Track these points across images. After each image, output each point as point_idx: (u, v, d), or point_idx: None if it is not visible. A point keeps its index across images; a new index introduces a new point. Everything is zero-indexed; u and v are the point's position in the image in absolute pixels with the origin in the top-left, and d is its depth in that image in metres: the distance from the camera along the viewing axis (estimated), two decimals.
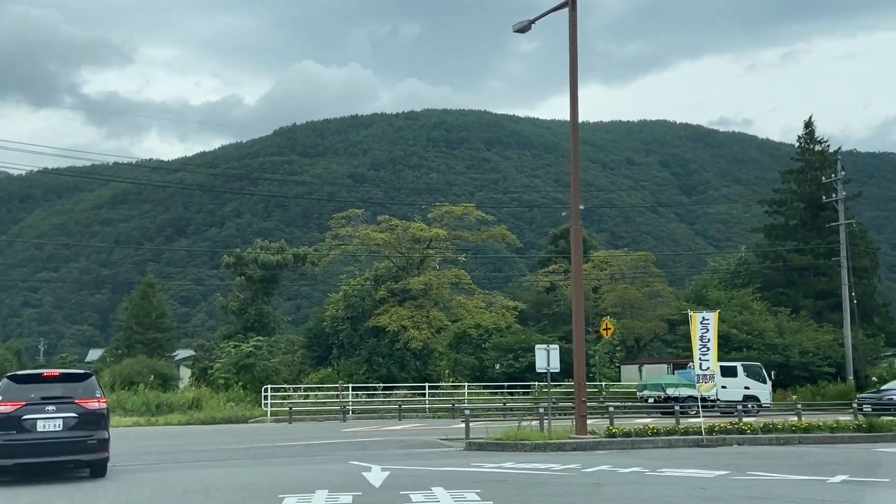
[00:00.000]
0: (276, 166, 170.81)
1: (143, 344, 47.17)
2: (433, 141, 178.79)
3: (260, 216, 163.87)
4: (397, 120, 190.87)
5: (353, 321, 39.86)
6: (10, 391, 13.99)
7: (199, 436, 24.40)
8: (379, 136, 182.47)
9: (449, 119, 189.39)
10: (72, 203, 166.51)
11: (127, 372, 37.25)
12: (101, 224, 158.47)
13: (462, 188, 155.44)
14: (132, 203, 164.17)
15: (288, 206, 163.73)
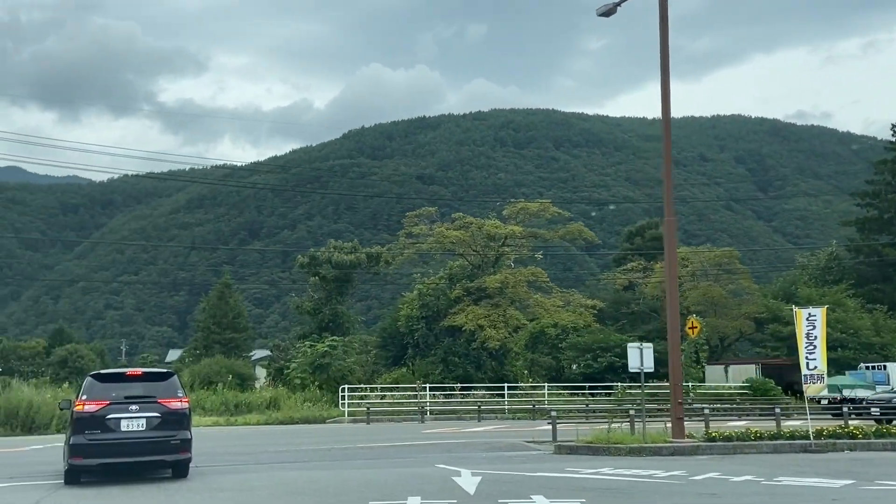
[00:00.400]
0: (345, 169, 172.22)
1: (220, 344, 47.44)
2: (501, 141, 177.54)
3: (330, 218, 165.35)
4: (464, 120, 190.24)
5: (427, 321, 39.15)
6: (94, 390, 13.68)
7: (278, 436, 23.97)
8: (446, 136, 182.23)
9: (516, 118, 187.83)
10: (150, 208, 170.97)
11: (206, 372, 37.34)
12: (178, 228, 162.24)
13: (531, 188, 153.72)
14: (207, 207, 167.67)
15: (357, 208, 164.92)
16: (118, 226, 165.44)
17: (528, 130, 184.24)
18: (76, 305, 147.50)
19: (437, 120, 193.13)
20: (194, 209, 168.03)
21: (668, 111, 19.54)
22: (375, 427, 28.10)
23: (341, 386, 32.52)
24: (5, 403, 27.00)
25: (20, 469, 16.68)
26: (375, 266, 47.61)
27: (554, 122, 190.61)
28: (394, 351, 41.80)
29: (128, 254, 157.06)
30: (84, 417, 13.28)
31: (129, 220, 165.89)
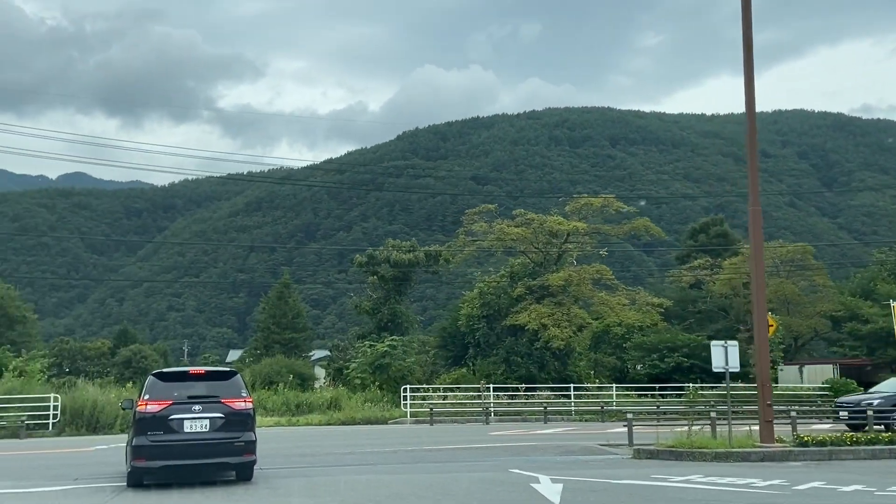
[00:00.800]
0: (399, 170, 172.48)
1: (280, 344, 47.28)
2: (556, 140, 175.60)
3: (385, 220, 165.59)
4: (518, 120, 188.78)
5: (488, 320, 38.22)
6: (157, 389, 13.11)
7: (341, 437, 23.31)
8: (500, 136, 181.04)
9: (571, 117, 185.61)
10: (210, 211, 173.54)
11: (266, 371, 37.07)
12: (236, 230, 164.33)
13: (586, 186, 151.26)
14: (265, 210, 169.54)
15: (412, 209, 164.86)
16: (179, 229, 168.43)
17: (583, 129, 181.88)
18: (140, 307, 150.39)
19: (491, 120, 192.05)
20: (252, 212, 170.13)
21: (752, 96, 18.28)
22: (439, 428, 27.28)
23: (402, 386, 31.81)
24: (71, 403, 26.95)
25: (85, 470, 16.30)
26: (434, 265, 46.92)
27: (609, 120, 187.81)
28: (454, 351, 40.98)
29: (189, 256, 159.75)
30: (146, 418, 12.74)
31: (190, 224, 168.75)
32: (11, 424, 25.84)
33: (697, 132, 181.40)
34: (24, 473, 15.86)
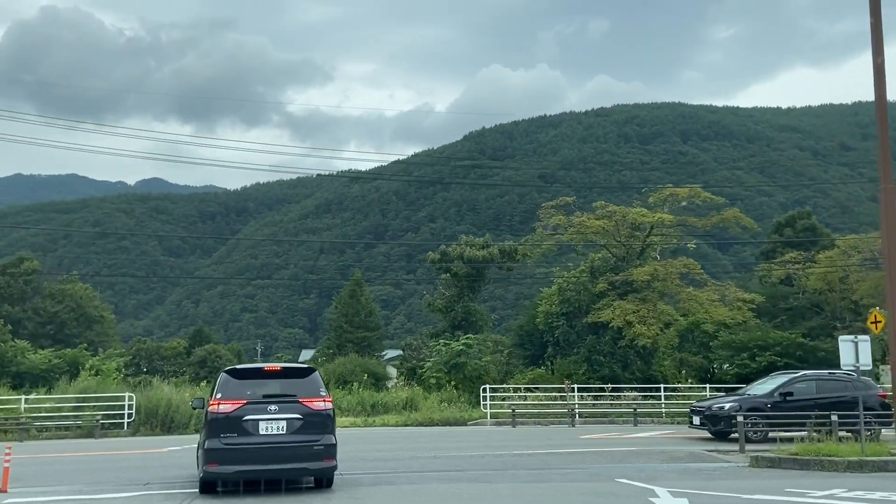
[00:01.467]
0: (466, 171, 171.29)
1: (352, 343, 46.35)
2: (625, 137, 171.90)
3: (453, 220, 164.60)
4: (586, 118, 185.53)
5: (568, 317, 36.37)
6: (230, 388, 11.98)
7: (421, 439, 21.92)
8: (568, 134, 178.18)
9: (641, 113, 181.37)
10: (281, 214, 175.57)
11: (340, 371, 36.02)
12: (307, 233, 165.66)
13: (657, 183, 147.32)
14: (334, 212, 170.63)
15: (480, 209, 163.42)
16: (251, 231, 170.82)
17: (653, 125, 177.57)
18: (214, 308, 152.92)
19: (558, 118, 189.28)
20: (322, 214, 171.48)
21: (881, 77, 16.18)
22: (523, 431, 25.67)
23: (481, 386, 30.27)
24: (146, 402, 26.31)
25: (156, 473, 15.31)
26: (508, 262, 45.31)
27: (680, 116, 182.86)
28: (532, 350, 39.25)
29: (261, 258, 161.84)
30: (219, 419, 11.65)
31: (262, 226, 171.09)
32: (87, 424, 25.32)
33: (773, 126, 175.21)
34: (95, 477, 14.94)
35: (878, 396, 21.14)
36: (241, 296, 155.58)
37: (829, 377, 21.68)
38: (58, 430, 25.43)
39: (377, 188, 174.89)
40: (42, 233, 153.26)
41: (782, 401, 20.78)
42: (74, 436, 25.24)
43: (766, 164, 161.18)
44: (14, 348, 33.06)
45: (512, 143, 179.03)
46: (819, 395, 20.87)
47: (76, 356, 33.16)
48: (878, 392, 21.49)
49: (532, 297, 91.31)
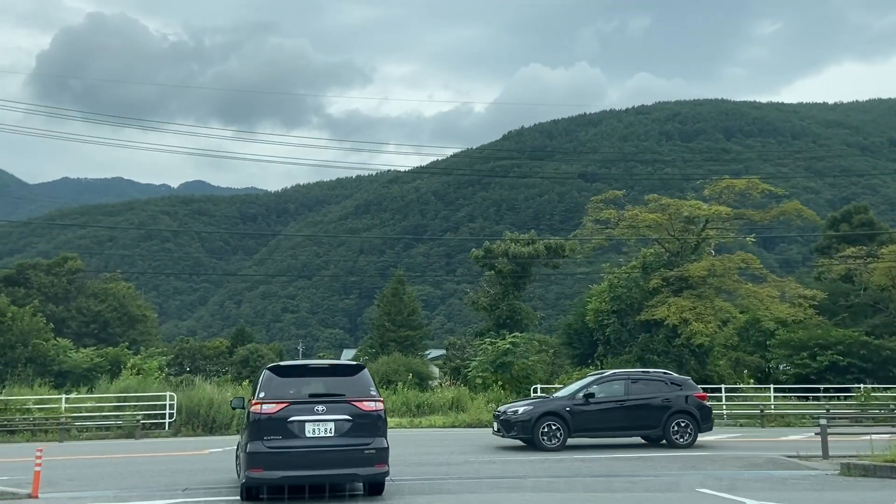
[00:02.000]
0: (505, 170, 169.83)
1: (395, 342, 45.29)
2: (667, 134, 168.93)
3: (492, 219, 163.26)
4: (627, 115, 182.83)
5: (619, 314, 34.88)
6: (273, 386, 11.00)
7: (473, 442, 20.65)
8: (608, 133, 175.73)
9: (683, 110, 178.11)
10: (321, 215, 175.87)
11: (384, 370, 34.96)
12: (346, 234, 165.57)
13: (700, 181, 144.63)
14: (374, 213, 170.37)
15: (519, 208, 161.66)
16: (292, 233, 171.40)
17: (695, 122, 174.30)
18: (256, 309, 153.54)
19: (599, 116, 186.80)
20: (361, 215, 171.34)
21: None
22: None
23: (531, 386, 28.87)
24: (187, 402, 25.48)
25: (196, 478, 14.32)
26: (554, 258, 43.89)
27: (723, 113, 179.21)
28: (581, 349, 37.84)
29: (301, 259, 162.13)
30: (262, 420, 10.66)
31: (302, 227, 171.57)
32: (128, 424, 24.55)
33: (819, 122, 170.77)
34: (132, 481, 13.99)
35: (696, 397, 18.92)
36: (283, 296, 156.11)
37: (641, 377, 19.34)
38: (98, 431, 24.72)
39: (416, 188, 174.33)
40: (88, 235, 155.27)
41: (584, 403, 18.46)
42: (115, 436, 24.50)
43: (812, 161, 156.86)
44: (56, 347, 32.56)
45: (552, 142, 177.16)
46: (628, 396, 18.63)
47: (118, 355, 32.57)
48: (695, 392, 19.09)
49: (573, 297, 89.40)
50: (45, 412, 24.81)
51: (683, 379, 19.85)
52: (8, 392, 25.73)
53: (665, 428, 18.31)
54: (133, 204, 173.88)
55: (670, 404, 18.49)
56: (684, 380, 19.73)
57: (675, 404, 18.49)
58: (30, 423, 24.30)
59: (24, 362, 31.13)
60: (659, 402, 18.50)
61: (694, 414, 18.48)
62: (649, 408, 18.44)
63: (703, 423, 18.62)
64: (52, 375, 30.97)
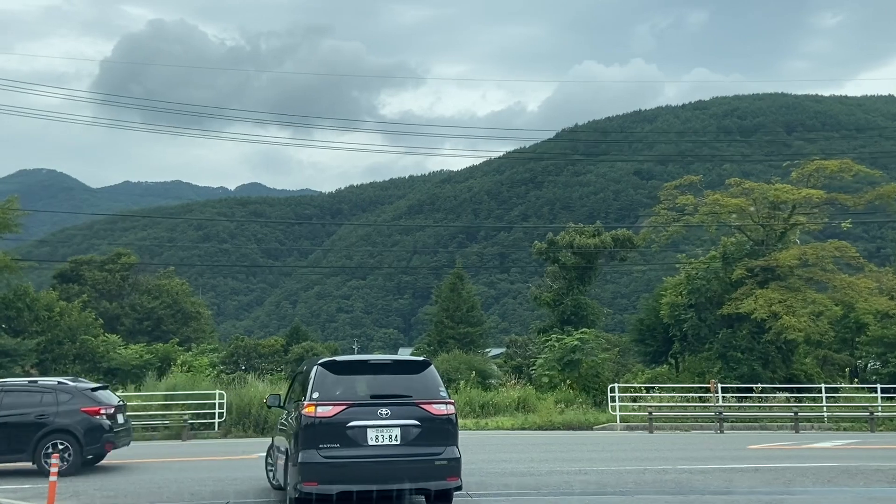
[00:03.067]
0: (559, 168, 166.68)
1: (453, 339, 42.92)
2: (725, 129, 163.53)
3: (546, 218, 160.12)
4: (684, 111, 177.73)
5: (697, 308, 31.90)
6: (328, 385, 9.31)
7: (552, 447, 18.16)
8: (664, 129, 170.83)
9: (742, 105, 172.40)
10: (374, 215, 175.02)
11: (444, 367, 32.50)
12: (400, 234, 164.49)
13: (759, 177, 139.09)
14: (427, 213, 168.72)
15: (574, 206, 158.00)
16: (346, 233, 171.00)
17: (754, 117, 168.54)
18: (312, 309, 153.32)
19: (654, 112, 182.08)
20: (414, 215, 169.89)
21: None
22: (664, 438, 21.56)
23: (603, 385, 26.18)
24: (237, 401, 23.51)
25: (242, 486, 12.22)
26: (621, 250, 41.05)
27: (784, 107, 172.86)
28: (654, 346, 34.97)
29: (356, 259, 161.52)
30: (316, 424, 9.01)
31: (356, 228, 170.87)
32: (175, 424, 22.67)
33: (885, 115, 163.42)
34: (173, 491, 11.94)
35: (84, 412, 14.52)
36: (337, 296, 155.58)
37: (15, 388, 15.08)
38: (144, 431, 22.87)
39: (469, 188, 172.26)
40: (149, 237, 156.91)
41: None
42: (161, 437, 22.65)
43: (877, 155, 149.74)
44: (105, 343, 31.04)
45: (606, 140, 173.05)
46: None
47: (168, 351, 30.91)
48: (84, 406, 14.62)
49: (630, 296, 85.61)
50: None
51: (80, 388, 15.25)
52: None
53: (35, 452, 14.11)
54: (191, 206, 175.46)
55: (45, 421, 14.26)
56: (80, 388, 15.18)
57: (52, 422, 14.25)
58: None
59: (71, 359, 29.72)
60: (31, 418, 14.33)
61: (76, 433, 14.21)
62: (19, 426, 14.24)
63: (88, 445, 14.34)
64: (101, 373, 29.44)
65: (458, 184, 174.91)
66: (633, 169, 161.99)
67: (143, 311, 44.68)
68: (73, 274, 44.14)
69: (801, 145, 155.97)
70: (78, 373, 29.72)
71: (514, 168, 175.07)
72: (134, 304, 45.06)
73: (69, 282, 43.53)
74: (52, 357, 29.48)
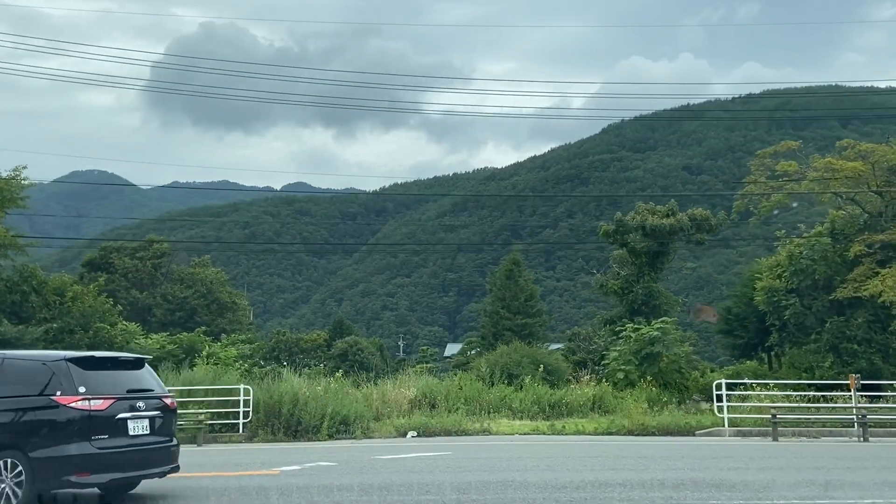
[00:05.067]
0: (605, 164, 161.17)
1: (510, 331, 38.15)
2: (776, 123, 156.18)
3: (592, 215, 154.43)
4: (734, 105, 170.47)
5: (800, 293, 26.76)
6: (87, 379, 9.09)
7: (671, 461, 13.31)
8: (714, 124, 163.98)
9: (794, 98, 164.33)
10: (419, 213, 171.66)
11: (504, 361, 27.84)
12: (444, 231, 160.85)
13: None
14: (471, 210, 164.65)
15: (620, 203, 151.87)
16: (390, 231, 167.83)
17: (807, 110, 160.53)
18: (357, 307, 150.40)
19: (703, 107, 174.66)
20: (459, 213, 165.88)
21: None
22: (794, 447, 16.57)
23: (716, 382, 21.21)
24: (265, 397, 19.18)
25: None
26: (696, 233, 35.94)
27: (838, 100, 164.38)
28: (745, 337, 29.81)
29: (400, 257, 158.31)
30: (88, 417, 8.91)
31: (400, 226, 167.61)
32: (190, 426, 18.40)
33: None
34: None
35: None
36: (382, 294, 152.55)
37: None
38: None
39: (514, 185, 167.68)
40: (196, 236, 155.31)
41: None
42: None
43: None
44: (124, 332, 27.03)
45: (653, 135, 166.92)
46: None
47: (193, 341, 26.79)
48: None
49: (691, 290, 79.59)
50: None
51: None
52: None
53: None
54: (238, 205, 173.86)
55: None
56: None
57: None
58: None
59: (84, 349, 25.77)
60: None
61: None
62: None
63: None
64: None
65: (503, 181, 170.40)
66: (681, 164, 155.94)
67: (175, 300, 40.81)
68: (102, 262, 40.57)
69: (856, 138, 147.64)
70: None
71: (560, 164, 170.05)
72: (166, 293, 41.21)
73: (98, 270, 39.92)
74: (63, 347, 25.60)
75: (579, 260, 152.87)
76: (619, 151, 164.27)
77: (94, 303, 26.91)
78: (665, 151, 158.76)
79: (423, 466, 12.01)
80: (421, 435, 19.21)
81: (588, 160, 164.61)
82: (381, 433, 19.26)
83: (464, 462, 12.48)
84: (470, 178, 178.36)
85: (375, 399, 21.88)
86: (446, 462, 12.42)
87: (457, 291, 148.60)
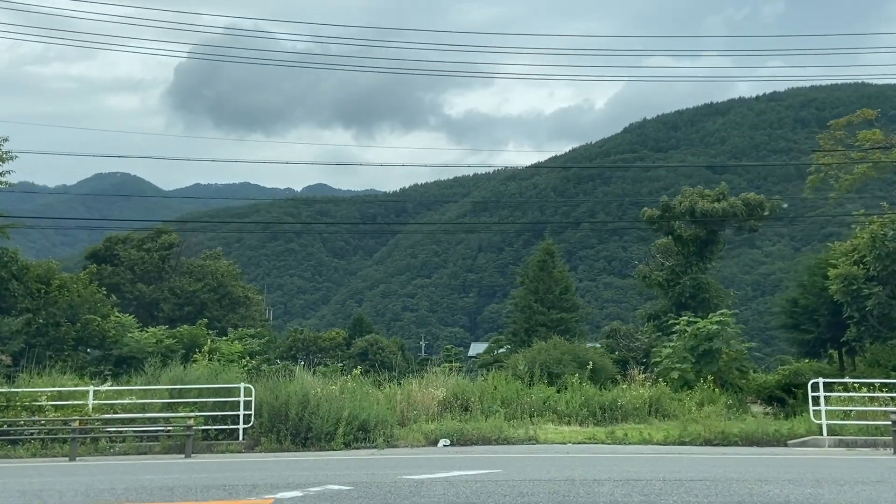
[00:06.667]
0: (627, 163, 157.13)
1: (545, 327, 34.57)
2: (802, 121, 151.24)
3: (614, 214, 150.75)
4: (757, 104, 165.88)
5: (883, 281, 23.00)
6: None
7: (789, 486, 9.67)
8: (737, 122, 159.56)
9: (819, 96, 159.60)
10: (439, 214, 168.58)
11: (542, 359, 24.28)
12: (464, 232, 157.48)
13: None
14: (492, 210, 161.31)
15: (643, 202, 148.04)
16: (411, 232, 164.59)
17: (833, 108, 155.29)
18: (377, 307, 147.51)
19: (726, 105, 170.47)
20: (479, 213, 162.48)
21: None
22: None
23: (812, 381, 17.55)
24: (269, 398, 15.82)
25: None
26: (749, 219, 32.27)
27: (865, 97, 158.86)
28: (814, 332, 25.98)
29: (420, 258, 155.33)
30: None
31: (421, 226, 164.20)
32: (178, 432, 15.06)
33: None
34: None
35: None
36: (402, 295, 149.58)
37: None
38: (139, 442, 15.37)
39: (534, 185, 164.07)
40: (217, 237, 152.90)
41: None
42: (162, 449, 15.11)
43: None
44: (118, 325, 23.82)
45: (676, 134, 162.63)
46: None
47: (195, 335, 23.53)
48: None
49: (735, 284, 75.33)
50: (64, 412, 15.67)
51: None
52: (21, 382, 16.81)
53: None
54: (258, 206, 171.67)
55: None
56: None
57: None
58: (40, 428, 15.25)
59: (72, 343, 22.67)
60: None
61: None
62: None
63: None
64: (112, 362, 22.36)
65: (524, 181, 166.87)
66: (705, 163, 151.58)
67: (184, 294, 37.69)
68: (106, 254, 37.59)
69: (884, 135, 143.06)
70: (83, 362, 22.66)
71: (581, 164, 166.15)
72: (174, 287, 38.08)
73: (102, 262, 36.95)
74: (47, 341, 22.48)
75: (601, 260, 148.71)
76: (640, 150, 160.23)
77: (83, 292, 23.77)
78: (688, 150, 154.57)
79: (470, 493, 8.54)
80: (455, 443, 15.78)
81: (609, 159, 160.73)
82: (407, 441, 15.84)
83: (525, 487, 9.01)
84: (491, 178, 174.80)
85: (400, 400, 18.46)
86: (501, 488, 8.95)
87: (477, 292, 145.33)
